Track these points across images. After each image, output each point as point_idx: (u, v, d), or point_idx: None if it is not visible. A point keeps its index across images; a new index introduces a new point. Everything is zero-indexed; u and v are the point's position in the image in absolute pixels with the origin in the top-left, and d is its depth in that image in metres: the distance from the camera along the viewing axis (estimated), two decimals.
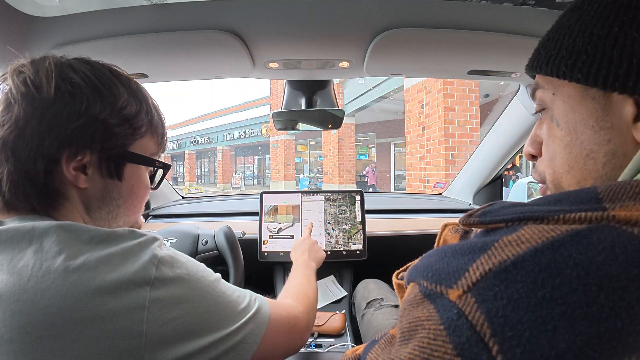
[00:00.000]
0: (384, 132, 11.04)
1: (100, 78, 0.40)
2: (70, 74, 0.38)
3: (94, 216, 0.42)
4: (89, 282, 0.32)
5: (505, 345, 0.21)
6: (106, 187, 0.42)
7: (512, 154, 1.22)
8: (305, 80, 0.95)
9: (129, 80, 0.44)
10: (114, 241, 0.37)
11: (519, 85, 1.01)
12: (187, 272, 0.39)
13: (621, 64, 0.27)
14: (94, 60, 0.42)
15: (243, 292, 0.46)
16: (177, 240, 0.88)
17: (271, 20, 0.63)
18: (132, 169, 0.44)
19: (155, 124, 0.46)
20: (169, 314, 0.35)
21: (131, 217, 0.47)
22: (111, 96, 0.40)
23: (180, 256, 0.40)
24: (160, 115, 0.48)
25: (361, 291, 1.00)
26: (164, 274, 0.36)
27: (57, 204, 0.39)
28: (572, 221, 0.24)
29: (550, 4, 0.57)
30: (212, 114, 20.57)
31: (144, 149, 0.45)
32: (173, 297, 0.36)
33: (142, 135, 0.44)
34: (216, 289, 0.41)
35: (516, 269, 0.23)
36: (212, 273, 0.43)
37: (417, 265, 0.29)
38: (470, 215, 0.31)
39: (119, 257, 0.35)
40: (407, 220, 1.29)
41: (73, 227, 0.36)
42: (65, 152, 0.38)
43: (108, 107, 0.40)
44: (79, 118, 0.38)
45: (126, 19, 0.61)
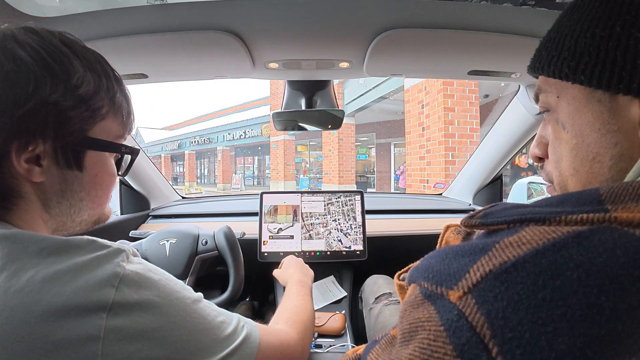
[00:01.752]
0: (384, 132, 11.04)
1: (50, 51, 0.34)
2: (15, 48, 0.32)
3: (54, 212, 0.37)
4: (32, 307, 0.27)
5: (505, 347, 0.21)
6: (65, 179, 0.36)
7: (512, 155, 1.22)
8: (305, 80, 0.95)
9: (85, 50, 0.37)
10: (66, 254, 0.31)
11: (518, 85, 1.01)
12: (158, 293, 0.33)
13: (625, 65, 0.26)
14: (43, 28, 0.35)
15: (229, 317, 0.40)
16: (177, 241, 0.88)
17: (271, 20, 0.62)
18: (94, 157, 0.38)
19: (119, 102, 0.40)
20: (131, 346, 0.29)
21: (96, 209, 0.41)
22: (63, 72, 0.34)
23: (152, 273, 0.34)
24: (124, 91, 0.41)
25: (370, 286, 1.00)
26: (126, 297, 0.30)
27: (9, 204, 0.34)
28: (574, 223, 0.24)
29: (550, 4, 0.57)
30: (212, 114, 20.61)
31: (107, 133, 0.39)
32: (137, 325, 0.30)
33: (102, 117, 0.38)
34: (194, 314, 0.35)
35: (517, 271, 0.23)
36: (192, 293, 0.37)
37: (418, 266, 0.29)
38: (472, 216, 0.31)
39: (70, 275, 0.30)
40: (407, 221, 1.29)
41: (20, 237, 0.31)
42: (14, 143, 0.32)
43: (60, 86, 0.33)
44: (26, 102, 0.32)
45: (126, 19, 0.61)
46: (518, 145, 1.16)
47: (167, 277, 0.36)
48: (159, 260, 0.86)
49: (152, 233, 0.94)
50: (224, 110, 19.93)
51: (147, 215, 1.31)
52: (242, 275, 0.87)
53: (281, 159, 12.17)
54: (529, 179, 1.67)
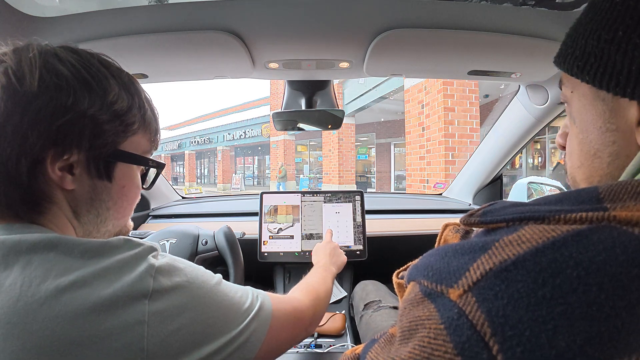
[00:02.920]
0: (384, 132, 11.04)
1: (89, 69, 0.37)
2: (56, 64, 0.35)
3: (83, 220, 0.39)
4: (83, 301, 0.30)
5: (506, 345, 0.21)
6: (95, 188, 0.39)
7: (512, 154, 1.22)
8: (305, 80, 0.95)
9: (120, 71, 0.41)
10: (107, 253, 0.34)
11: (518, 85, 1.01)
12: (187, 278, 0.37)
13: (622, 70, 0.27)
14: (82, 49, 0.38)
15: (245, 291, 0.44)
16: (177, 241, 0.88)
17: (271, 20, 0.63)
18: (123, 169, 0.41)
19: (149, 120, 0.43)
20: (171, 325, 0.33)
21: (120, 220, 0.44)
22: (101, 89, 0.37)
23: (178, 263, 0.38)
24: (154, 110, 0.44)
25: (359, 293, 1.00)
26: (162, 285, 0.34)
27: (43, 209, 0.36)
28: (573, 221, 0.24)
29: (550, 4, 0.58)
30: (212, 115, 20.61)
31: (136, 147, 0.42)
32: (173, 307, 0.34)
33: (134, 132, 0.41)
34: (219, 293, 0.39)
35: (517, 269, 0.23)
36: (213, 276, 0.41)
37: (418, 264, 0.29)
38: (471, 215, 0.31)
39: (114, 271, 0.33)
40: (407, 221, 1.29)
41: (64, 241, 0.33)
42: (51, 151, 0.34)
43: (97, 101, 0.36)
44: (65, 114, 0.34)
45: (126, 19, 0.61)
46: (518, 145, 1.16)
47: (191, 264, 0.40)
48: None
49: (152, 233, 0.94)
50: (224, 110, 19.93)
51: (147, 215, 1.31)
52: (242, 275, 0.87)
53: (281, 159, 12.17)
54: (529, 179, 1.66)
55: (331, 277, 0.73)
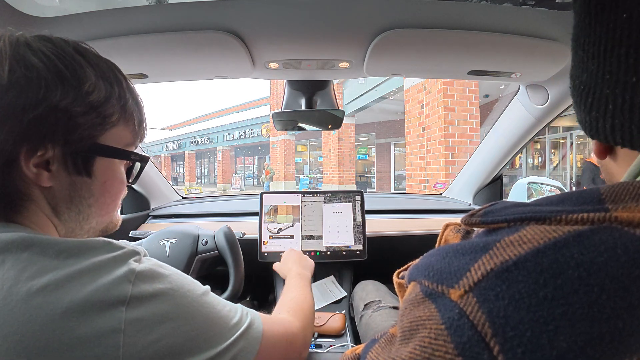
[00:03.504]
0: (384, 132, 11.04)
1: (63, 58, 0.34)
2: (27, 54, 0.33)
3: (63, 218, 0.37)
4: (54, 305, 0.28)
5: (507, 345, 0.21)
6: (74, 184, 0.37)
7: (512, 154, 1.22)
8: (305, 80, 0.95)
9: (99, 59, 0.38)
10: (84, 255, 0.32)
11: (518, 85, 1.01)
12: (171, 286, 0.35)
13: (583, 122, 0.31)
14: (57, 37, 0.36)
15: (234, 307, 0.42)
16: (177, 241, 0.88)
17: (271, 20, 0.62)
18: (104, 164, 0.38)
19: (130, 110, 0.40)
20: (150, 336, 0.31)
21: (105, 216, 0.42)
22: (75, 79, 0.34)
23: (162, 269, 0.36)
24: (137, 99, 0.42)
25: (359, 293, 1.00)
26: (142, 291, 0.32)
27: (19, 207, 0.34)
28: (574, 222, 0.24)
29: (550, 4, 0.57)
30: (212, 115, 20.62)
31: (117, 140, 0.39)
32: (154, 316, 0.32)
33: (113, 124, 0.38)
34: (205, 304, 0.37)
35: (518, 269, 0.23)
36: (200, 286, 0.39)
37: (418, 264, 0.29)
38: (472, 215, 0.31)
39: (90, 274, 0.31)
40: (407, 221, 1.29)
41: (38, 241, 0.32)
42: (24, 147, 0.33)
43: (71, 92, 0.34)
44: (36, 107, 0.32)
45: (126, 19, 0.61)
46: (518, 145, 1.16)
47: (177, 272, 0.38)
48: (159, 260, 0.86)
49: (152, 233, 0.93)
50: (224, 110, 19.94)
51: (147, 215, 1.31)
52: (242, 275, 0.87)
53: (281, 159, 12.17)
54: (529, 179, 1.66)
55: (309, 285, 0.72)
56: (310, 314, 0.59)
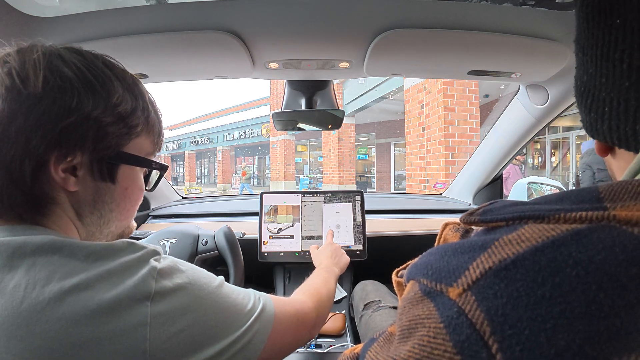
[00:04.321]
0: (384, 132, 11.04)
1: (93, 71, 0.37)
2: (60, 65, 0.35)
3: (86, 221, 0.39)
4: (85, 303, 0.30)
5: (505, 344, 0.21)
6: (98, 190, 0.39)
7: (512, 154, 1.22)
8: (305, 80, 0.95)
9: (125, 73, 0.41)
10: (111, 256, 0.34)
11: (518, 85, 1.01)
12: (189, 280, 0.37)
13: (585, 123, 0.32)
14: (87, 51, 0.39)
15: (247, 293, 0.44)
16: (177, 241, 0.88)
17: (271, 20, 0.63)
18: (127, 171, 0.41)
19: (152, 122, 0.43)
20: (173, 327, 0.33)
21: (123, 221, 0.44)
22: (105, 91, 0.37)
23: (180, 265, 0.38)
24: (157, 112, 0.44)
25: (359, 293, 1.00)
26: (164, 286, 0.34)
27: (46, 210, 0.36)
28: (573, 220, 0.24)
29: (550, 4, 0.58)
30: (212, 114, 20.62)
31: (139, 149, 0.42)
32: (175, 309, 0.34)
33: (137, 134, 0.41)
34: (221, 294, 0.39)
35: (516, 268, 0.23)
36: (215, 278, 0.41)
37: (417, 263, 0.29)
38: (471, 213, 0.31)
39: (118, 274, 0.33)
40: (407, 221, 1.29)
41: (68, 244, 0.33)
42: (54, 152, 0.34)
43: (101, 103, 0.36)
44: (69, 115, 0.34)
45: (126, 19, 0.61)
46: (518, 145, 1.16)
47: (193, 267, 0.40)
48: None
49: (152, 233, 0.94)
50: (224, 110, 19.94)
51: (147, 215, 1.31)
52: (242, 275, 0.87)
53: (281, 159, 12.17)
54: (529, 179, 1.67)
55: (334, 279, 0.73)
56: (326, 298, 0.61)
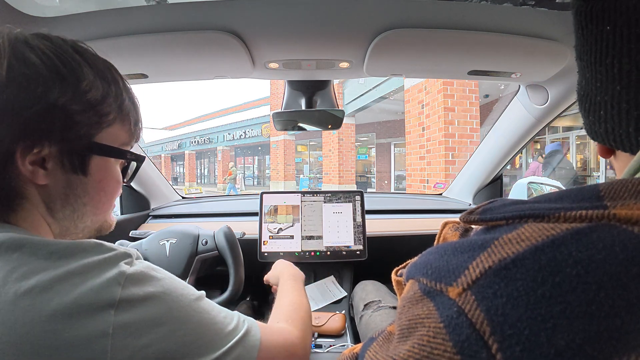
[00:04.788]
0: (384, 132, 11.04)
1: (62, 56, 0.34)
2: (26, 52, 0.33)
3: (58, 216, 0.37)
4: (42, 307, 0.28)
5: (505, 343, 0.21)
6: (69, 183, 0.36)
7: (512, 154, 1.22)
8: (305, 80, 0.95)
9: (96, 58, 0.38)
10: (75, 256, 0.32)
11: (518, 85, 1.01)
12: (163, 290, 0.34)
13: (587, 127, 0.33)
14: (55, 36, 0.36)
15: (230, 314, 0.41)
16: (177, 241, 0.88)
17: (271, 20, 0.63)
18: (100, 162, 0.38)
19: (126, 110, 0.40)
20: (139, 340, 0.30)
21: (99, 215, 0.41)
22: (73, 77, 0.34)
23: (155, 272, 0.36)
24: (133, 99, 0.42)
25: (359, 293, 1.00)
26: (132, 294, 0.31)
27: (15, 205, 0.34)
28: (573, 219, 0.24)
29: (550, 4, 0.57)
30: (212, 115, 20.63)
31: (113, 139, 0.39)
32: (144, 320, 0.31)
33: (109, 123, 0.38)
34: (199, 309, 0.36)
35: (516, 267, 0.23)
36: (194, 290, 0.38)
37: (417, 262, 0.29)
38: (471, 212, 0.31)
39: (79, 275, 0.30)
40: (407, 221, 1.29)
41: (30, 242, 0.31)
42: (20, 144, 0.32)
43: (69, 90, 0.34)
44: (34, 104, 0.32)
45: (126, 19, 0.61)
46: (518, 145, 1.16)
47: (170, 276, 0.37)
48: (159, 260, 0.86)
49: (152, 233, 0.94)
50: (224, 110, 19.94)
51: (147, 215, 1.31)
52: (242, 275, 0.87)
53: (281, 159, 12.17)
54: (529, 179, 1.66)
55: (303, 288, 0.70)
56: (308, 320, 0.57)
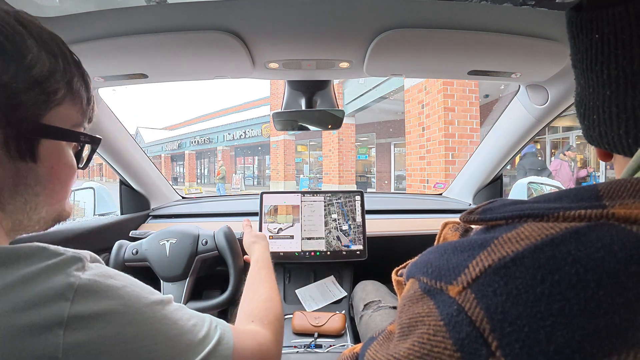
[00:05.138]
0: (384, 132, 11.04)
1: (3, 28, 0.31)
2: None
3: (8, 209, 0.33)
4: None
5: (505, 341, 0.21)
6: (18, 171, 0.32)
7: (512, 155, 1.22)
8: (305, 80, 0.95)
9: (41, 29, 0.34)
10: (13, 265, 0.27)
11: (518, 85, 1.01)
12: (123, 302, 0.30)
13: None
14: None
15: (201, 318, 0.37)
16: (177, 241, 0.88)
17: (271, 20, 0.63)
18: (50, 146, 0.34)
19: (77, 87, 0.36)
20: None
21: (55, 205, 0.37)
22: (16, 52, 0.31)
23: (113, 279, 0.31)
24: (84, 75, 0.38)
25: (359, 293, 1.00)
26: (84, 310, 0.27)
27: None
28: (572, 219, 0.24)
29: (550, 4, 0.58)
30: (212, 115, 20.67)
31: (64, 120, 0.35)
32: (100, 339, 0.27)
33: (58, 102, 0.34)
34: (165, 319, 0.32)
35: (515, 266, 0.23)
36: (160, 296, 0.34)
37: (417, 261, 0.29)
38: (470, 212, 0.31)
39: (18, 289, 0.26)
40: (407, 221, 1.29)
41: None
42: None
43: (12, 66, 0.30)
44: None
45: (126, 19, 0.61)
46: (518, 145, 1.16)
47: (132, 282, 0.33)
48: (159, 260, 0.86)
49: (152, 233, 0.94)
50: (224, 110, 19.97)
51: (147, 215, 1.31)
52: (242, 276, 0.87)
53: (281, 159, 12.17)
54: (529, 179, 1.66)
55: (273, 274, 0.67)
56: (280, 319, 0.54)
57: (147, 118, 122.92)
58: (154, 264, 0.86)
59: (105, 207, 1.47)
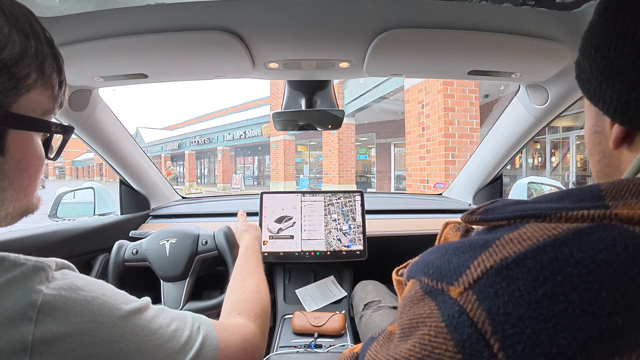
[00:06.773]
0: (384, 132, 11.04)
1: None
2: None
3: None
4: None
5: (507, 343, 0.21)
6: None
7: (512, 154, 1.22)
8: (305, 80, 0.95)
9: (12, 4, 0.30)
10: None
11: (518, 85, 1.01)
12: (94, 316, 0.27)
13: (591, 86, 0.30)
14: None
15: (182, 320, 0.35)
16: (177, 241, 0.88)
17: (271, 20, 0.63)
18: (18, 137, 0.31)
19: (49, 71, 0.32)
20: None
21: (23, 200, 0.33)
22: None
23: (81, 290, 0.28)
24: (56, 55, 0.34)
25: (359, 293, 1.00)
26: (50, 332, 0.24)
27: None
28: (574, 219, 0.24)
29: (550, 4, 0.58)
30: (212, 115, 20.67)
31: (33, 108, 0.31)
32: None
33: (28, 88, 0.30)
34: (143, 330, 0.30)
35: (517, 267, 0.23)
36: (135, 303, 0.32)
37: (418, 261, 0.29)
38: (472, 212, 0.31)
39: None
40: (407, 221, 1.29)
41: None
42: None
43: None
44: None
45: (126, 19, 0.61)
46: (518, 145, 1.16)
47: (104, 291, 0.30)
48: (159, 260, 0.86)
49: (152, 233, 0.94)
50: (224, 110, 19.97)
51: (147, 215, 1.31)
52: None
53: (281, 159, 12.17)
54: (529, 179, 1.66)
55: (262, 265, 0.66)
56: (267, 311, 0.52)
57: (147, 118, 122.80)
58: (154, 264, 0.86)
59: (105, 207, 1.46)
